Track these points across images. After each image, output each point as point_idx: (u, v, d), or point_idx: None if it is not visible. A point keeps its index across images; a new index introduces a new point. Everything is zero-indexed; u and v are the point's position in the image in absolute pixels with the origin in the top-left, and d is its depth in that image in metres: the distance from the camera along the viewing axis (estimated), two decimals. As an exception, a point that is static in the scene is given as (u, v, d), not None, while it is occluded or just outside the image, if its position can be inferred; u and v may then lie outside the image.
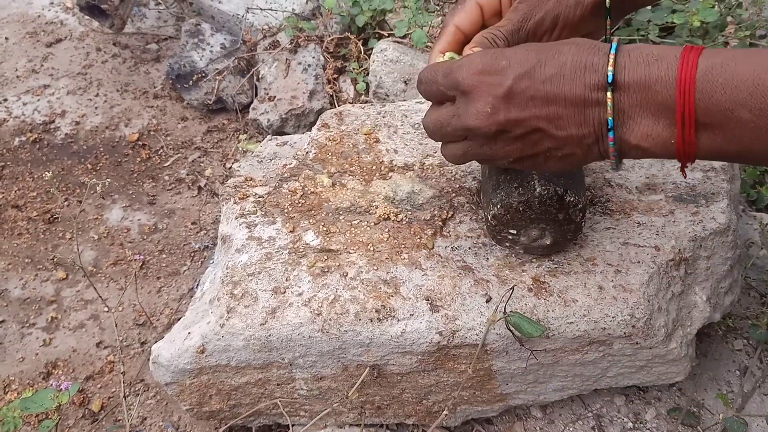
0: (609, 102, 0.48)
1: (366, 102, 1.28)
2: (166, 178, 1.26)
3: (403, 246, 0.75)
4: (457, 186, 0.81)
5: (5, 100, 1.40)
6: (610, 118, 0.49)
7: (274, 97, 1.29)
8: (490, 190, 0.69)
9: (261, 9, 1.40)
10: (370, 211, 0.79)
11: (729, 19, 1.33)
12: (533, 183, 0.65)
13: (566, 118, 0.51)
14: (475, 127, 0.54)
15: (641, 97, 0.48)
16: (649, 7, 1.22)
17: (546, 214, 0.66)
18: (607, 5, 0.62)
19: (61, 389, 0.75)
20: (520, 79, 0.51)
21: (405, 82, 1.23)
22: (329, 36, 1.36)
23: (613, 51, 0.49)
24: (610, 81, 0.48)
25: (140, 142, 1.32)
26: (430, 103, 0.60)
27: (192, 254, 1.14)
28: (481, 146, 0.56)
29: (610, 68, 0.48)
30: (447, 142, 0.60)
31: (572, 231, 0.69)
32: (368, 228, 0.77)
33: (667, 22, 1.19)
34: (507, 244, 0.72)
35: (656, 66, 0.48)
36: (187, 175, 1.27)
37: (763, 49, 0.46)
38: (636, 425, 0.85)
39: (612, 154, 0.51)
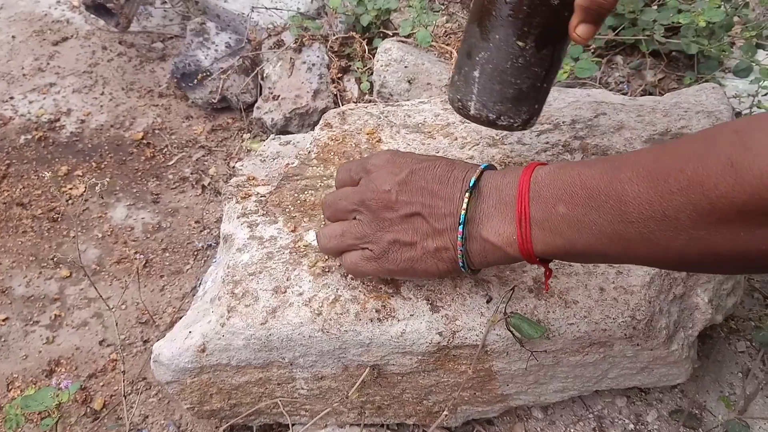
0: (465, 200, 0.58)
1: (370, 101, 1.28)
2: (170, 176, 1.27)
3: (404, 246, 0.75)
4: (459, 186, 0.81)
5: (11, 98, 1.40)
6: (462, 213, 0.58)
7: (279, 96, 1.29)
8: (451, 77, 0.73)
9: (266, 8, 1.40)
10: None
11: (735, 19, 1.32)
12: (469, 105, 0.69)
13: (443, 210, 0.60)
14: (368, 199, 0.63)
15: (495, 199, 0.58)
16: (654, 7, 1.22)
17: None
18: None
19: (61, 388, 0.76)
20: (415, 173, 0.62)
21: (409, 81, 1.23)
22: (334, 35, 1.36)
23: (483, 166, 0.61)
24: (471, 185, 0.59)
25: (145, 141, 1.33)
26: (433, 102, 0.62)
27: (195, 253, 1.14)
28: (365, 224, 0.64)
29: (473, 177, 0.59)
30: (337, 230, 0.68)
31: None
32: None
33: (672, 22, 1.19)
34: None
35: (509, 176, 0.58)
36: (191, 173, 1.27)
37: (598, 158, 0.54)
38: (637, 427, 0.85)
39: (459, 248, 0.59)
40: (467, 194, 0.58)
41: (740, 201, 0.42)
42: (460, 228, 0.58)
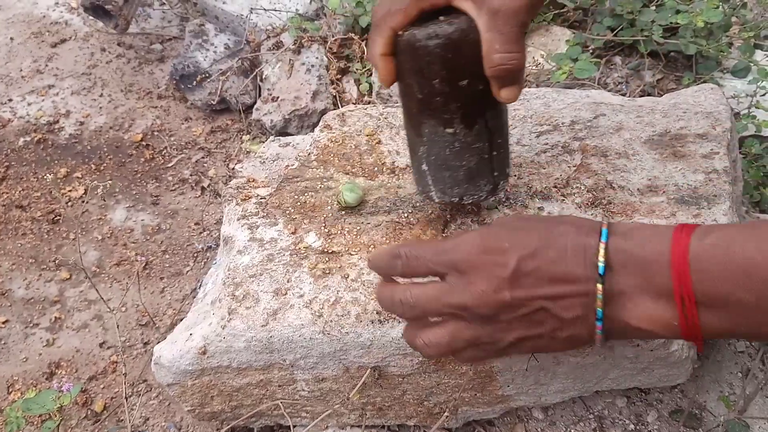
0: (599, 293, 0.49)
1: (369, 103, 1.28)
2: (170, 178, 1.27)
3: (404, 248, 0.75)
4: (459, 188, 0.81)
5: (10, 100, 1.40)
6: (599, 308, 0.49)
7: (278, 97, 1.29)
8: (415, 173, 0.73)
9: (265, 9, 1.40)
10: (372, 213, 0.79)
11: (734, 19, 1.32)
12: (431, 194, 0.71)
13: (571, 298, 0.50)
14: (475, 306, 0.52)
15: (639, 279, 0.48)
16: (652, 7, 1.22)
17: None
18: None
19: (62, 391, 0.76)
20: (525, 260, 0.51)
21: (408, 82, 1.23)
22: (333, 37, 1.36)
23: (603, 238, 0.50)
24: (601, 272, 0.48)
25: (144, 143, 1.33)
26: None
27: (195, 255, 1.14)
28: (477, 326, 0.54)
29: (601, 258, 0.49)
30: (428, 326, 0.57)
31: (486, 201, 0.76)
32: (369, 229, 0.77)
33: (671, 23, 1.19)
34: None
35: (650, 248, 0.48)
36: (191, 175, 1.27)
37: (755, 224, 0.46)
38: (638, 427, 0.85)
39: (599, 341, 0.51)
40: (599, 285, 0.49)
41: None
42: (599, 324, 0.50)
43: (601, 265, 0.48)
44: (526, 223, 0.56)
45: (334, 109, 1.00)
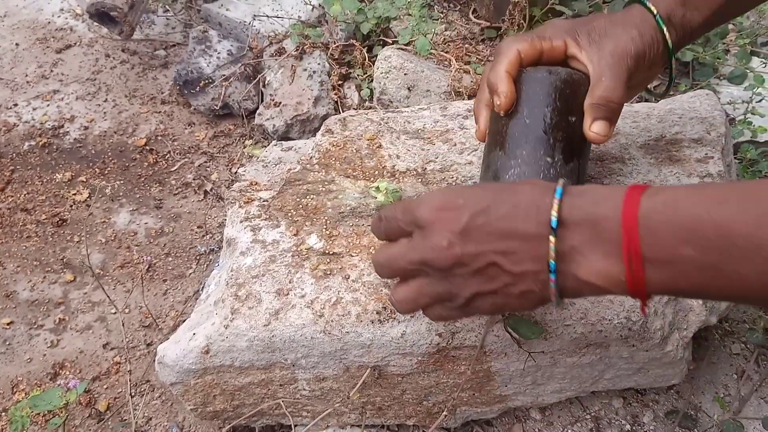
0: (552, 245, 0.50)
1: (370, 108, 1.30)
2: (173, 182, 1.28)
3: (404, 249, 0.77)
4: (458, 191, 0.83)
5: (15, 105, 1.42)
6: (552, 261, 0.50)
7: (280, 102, 1.31)
8: None
9: (267, 16, 1.42)
10: (373, 215, 0.80)
11: (730, 26, 1.34)
12: None
13: (521, 253, 0.52)
14: (430, 260, 0.55)
15: (590, 234, 0.49)
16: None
17: None
18: (669, 45, 0.67)
19: (69, 388, 0.77)
20: (477, 216, 0.53)
21: (408, 88, 1.24)
22: (334, 43, 1.38)
23: (558, 195, 0.51)
24: (554, 225, 0.50)
25: (148, 147, 1.34)
26: (433, 109, 0.62)
27: (198, 257, 1.16)
28: (437, 282, 0.56)
29: (554, 212, 0.50)
30: (398, 283, 0.60)
31: None
32: (369, 232, 0.79)
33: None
34: None
35: (604, 205, 0.49)
36: (194, 179, 1.29)
37: (705, 185, 0.47)
38: (634, 427, 0.86)
39: (553, 294, 0.52)
40: (552, 237, 0.50)
41: None
42: (552, 276, 0.51)
43: (554, 219, 0.50)
44: (486, 183, 0.58)
45: (336, 114, 1.02)
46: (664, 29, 0.66)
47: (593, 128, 0.66)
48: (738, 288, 0.45)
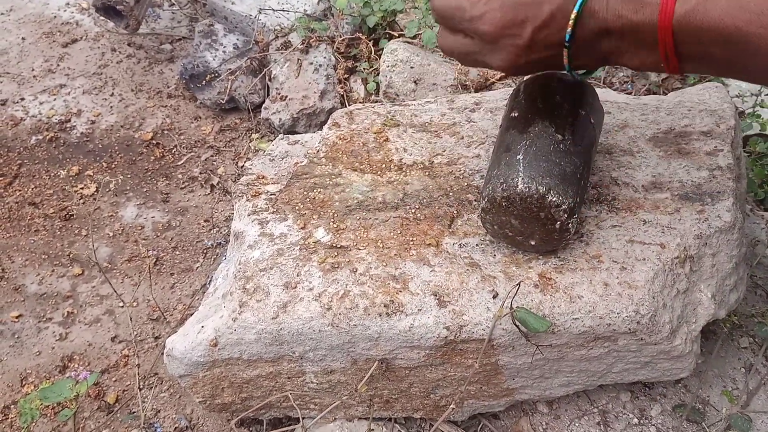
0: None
1: (376, 101, 1.30)
2: (180, 176, 1.29)
3: (411, 243, 0.77)
4: (465, 184, 0.83)
5: (22, 99, 1.42)
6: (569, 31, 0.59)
7: (286, 96, 1.31)
8: (483, 184, 0.73)
9: (273, 10, 1.42)
10: (380, 209, 0.80)
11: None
12: (516, 180, 0.67)
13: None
14: (498, 68, 0.64)
15: (635, 38, 0.59)
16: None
17: (527, 212, 0.68)
18: None
19: (79, 380, 0.77)
20: (539, 31, 0.60)
21: (415, 81, 1.24)
22: (340, 36, 1.37)
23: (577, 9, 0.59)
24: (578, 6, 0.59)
25: (154, 141, 1.35)
26: (440, 102, 0.62)
27: (205, 251, 1.16)
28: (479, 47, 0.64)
29: (569, 28, 0.59)
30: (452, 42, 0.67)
31: (558, 231, 0.70)
32: (377, 225, 0.79)
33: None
34: (498, 238, 0.75)
35: (641, 13, 0.58)
36: (200, 173, 1.29)
37: None
38: (641, 421, 0.86)
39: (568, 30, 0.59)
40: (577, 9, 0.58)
41: None
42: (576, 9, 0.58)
43: (568, 35, 0.59)
44: None
45: (342, 108, 1.02)
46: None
47: None
48: (751, 75, 0.58)
